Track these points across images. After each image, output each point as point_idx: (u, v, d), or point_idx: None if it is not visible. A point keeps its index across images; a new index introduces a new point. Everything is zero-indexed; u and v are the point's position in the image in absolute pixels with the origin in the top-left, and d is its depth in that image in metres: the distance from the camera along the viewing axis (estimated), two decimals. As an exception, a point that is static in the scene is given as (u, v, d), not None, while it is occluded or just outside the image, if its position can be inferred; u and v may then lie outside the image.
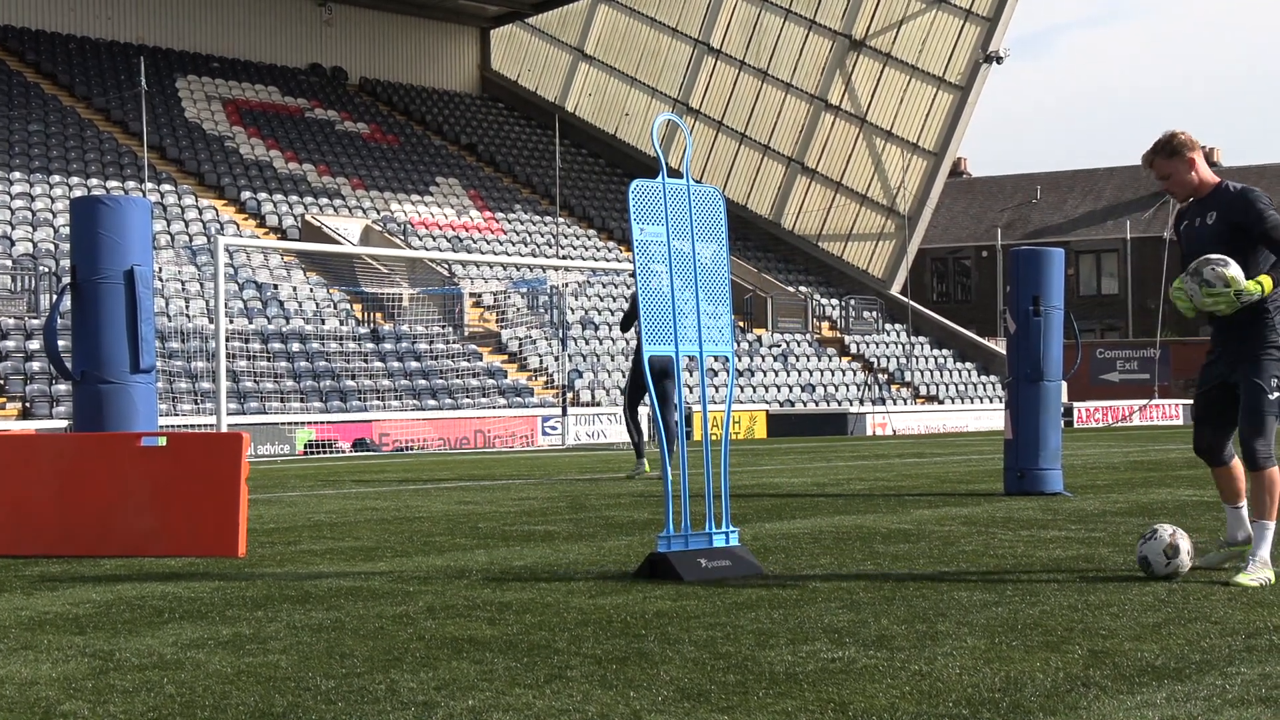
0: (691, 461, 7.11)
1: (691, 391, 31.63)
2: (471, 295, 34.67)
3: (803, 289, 43.23)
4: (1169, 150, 6.49)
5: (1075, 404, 37.98)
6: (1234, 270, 6.21)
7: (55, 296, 26.34)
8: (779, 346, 39.36)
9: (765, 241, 47.02)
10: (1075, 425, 36.69)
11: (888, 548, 7.87)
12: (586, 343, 34.75)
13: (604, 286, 38.43)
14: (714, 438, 26.61)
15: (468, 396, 30.42)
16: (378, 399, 29.14)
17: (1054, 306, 12.00)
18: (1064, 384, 16.32)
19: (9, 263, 28.99)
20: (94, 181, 34.57)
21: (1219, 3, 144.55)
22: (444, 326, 33.04)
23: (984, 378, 41.86)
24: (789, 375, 37.71)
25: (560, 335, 30.47)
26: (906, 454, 20.82)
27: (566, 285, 32.82)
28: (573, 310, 35.76)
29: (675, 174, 6.97)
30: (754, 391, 36.00)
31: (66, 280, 13.87)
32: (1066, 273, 13.02)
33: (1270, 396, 6.27)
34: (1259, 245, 6.32)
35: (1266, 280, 6.22)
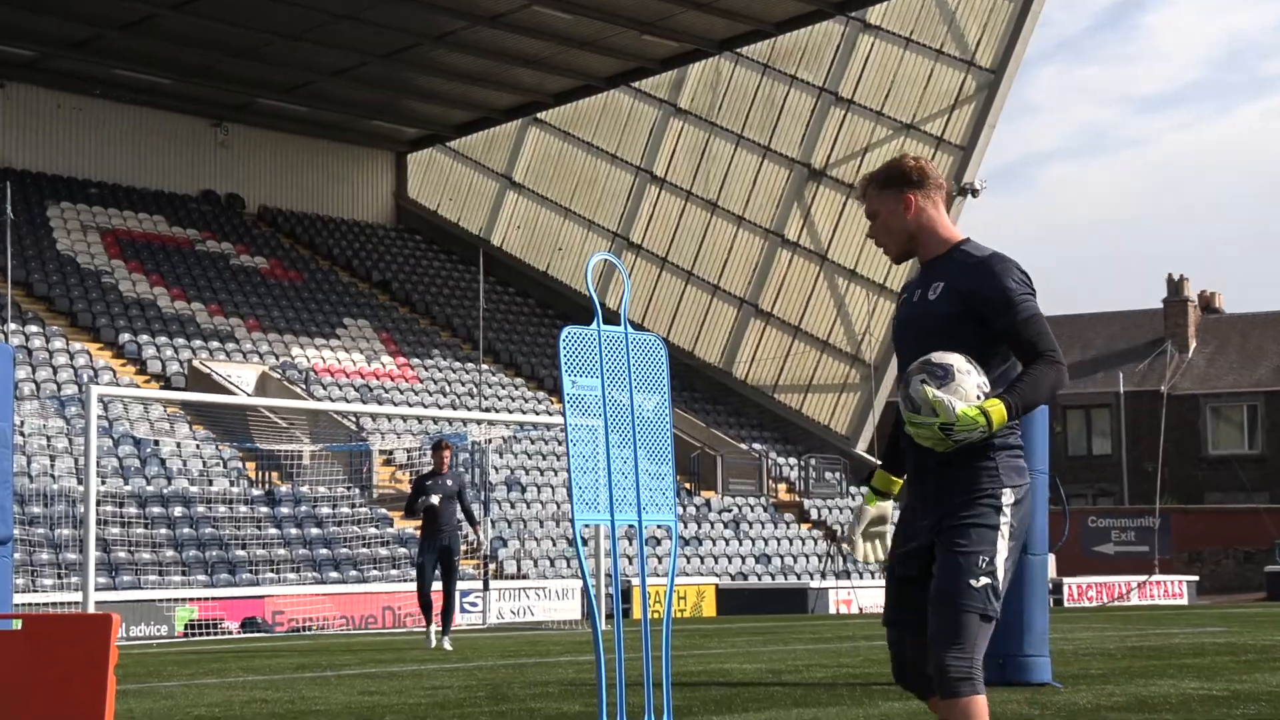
0: (629, 644, 7.05)
1: (630, 563, 31.47)
2: (382, 452, 34.69)
3: (756, 446, 43.38)
4: (885, 179, 4.99)
5: (1065, 580, 38.07)
6: (950, 389, 4.66)
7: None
8: (730, 511, 39.38)
9: (715, 392, 47.32)
10: (1065, 604, 36.77)
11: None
12: (513, 506, 34.70)
13: (533, 442, 38.47)
14: (655, 616, 26.57)
15: (375, 568, 30.27)
16: (272, 571, 28.96)
17: (1038, 470, 12.05)
18: (1051, 557, 16.39)
19: None
20: (-52, 322, 34.43)
21: (1226, 129, 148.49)
22: (350, 488, 33.02)
23: (962, 548, 41.91)
24: (741, 544, 37.72)
25: (482, 498, 30.40)
26: (875, 635, 20.74)
27: (490, 441, 32.80)
28: (497, 469, 35.78)
29: (612, 318, 7.03)
30: (701, 563, 35.95)
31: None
32: (1053, 430, 13.07)
33: (975, 584, 4.67)
34: (1002, 342, 4.80)
35: (996, 409, 4.66)
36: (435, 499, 18.77)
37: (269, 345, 39.80)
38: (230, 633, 25.76)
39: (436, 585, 19.32)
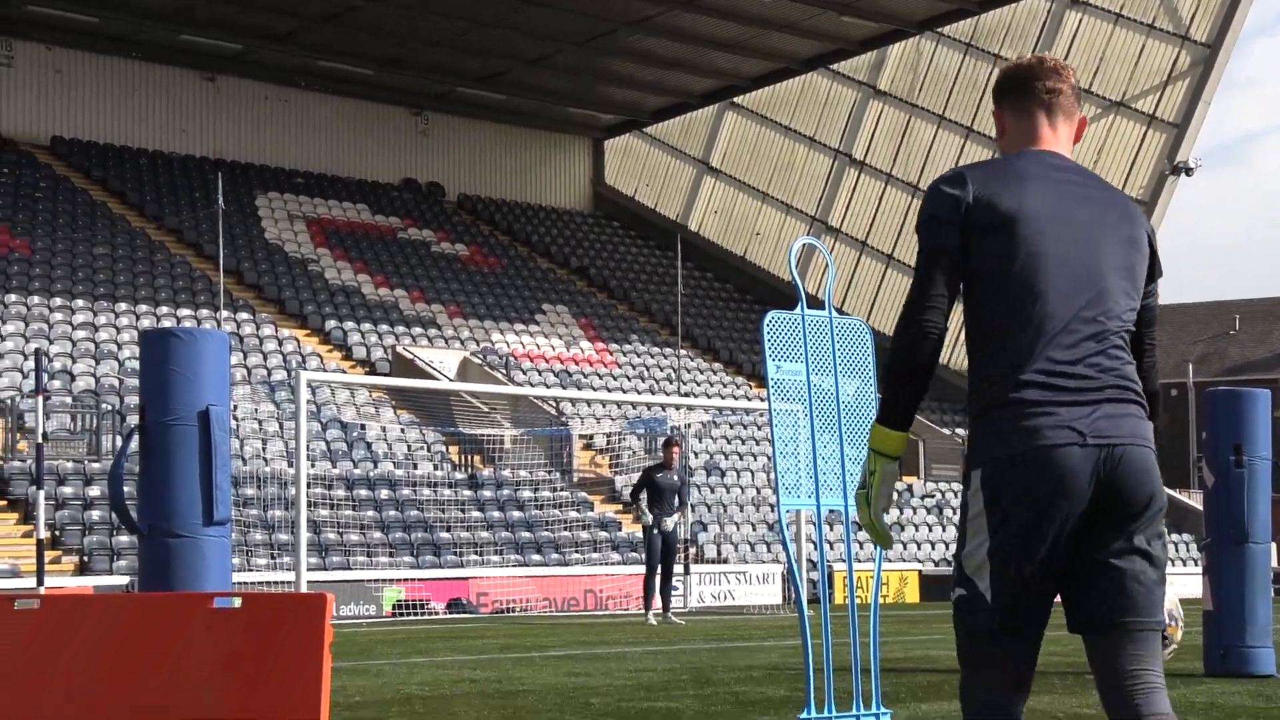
0: (836, 629, 7.04)
1: (833, 548, 31.35)
2: (582, 437, 34.90)
3: (959, 431, 42.86)
4: None
5: (1286, 569, 36.91)
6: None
7: (121, 439, 26.95)
8: (933, 497, 38.98)
9: (918, 378, 46.75)
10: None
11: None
12: (712, 490, 34.82)
13: (731, 427, 38.49)
14: (861, 602, 26.34)
15: (577, 551, 30.51)
16: (475, 553, 29.35)
17: (1260, 456, 11.75)
18: (1274, 546, 16.00)
19: (69, 400, 29.66)
20: (164, 310, 35.46)
21: None
22: (550, 472, 33.29)
23: (1176, 537, 41.00)
24: (945, 530, 37.29)
25: (684, 483, 30.46)
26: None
27: (689, 426, 32.91)
28: (696, 454, 35.84)
29: (815, 303, 7.02)
30: (904, 549, 35.62)
31: (134, 421, 14.15)
32: (1275, 415, 12.78)
33: (953, 599, 4.08)
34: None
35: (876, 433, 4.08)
36: (669, 523, 21.62)
37: (470, 331, 40.34)
38: (436, 613, 26.14)
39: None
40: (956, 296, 3.96)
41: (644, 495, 21.81)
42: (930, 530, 37.13)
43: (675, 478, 21.59)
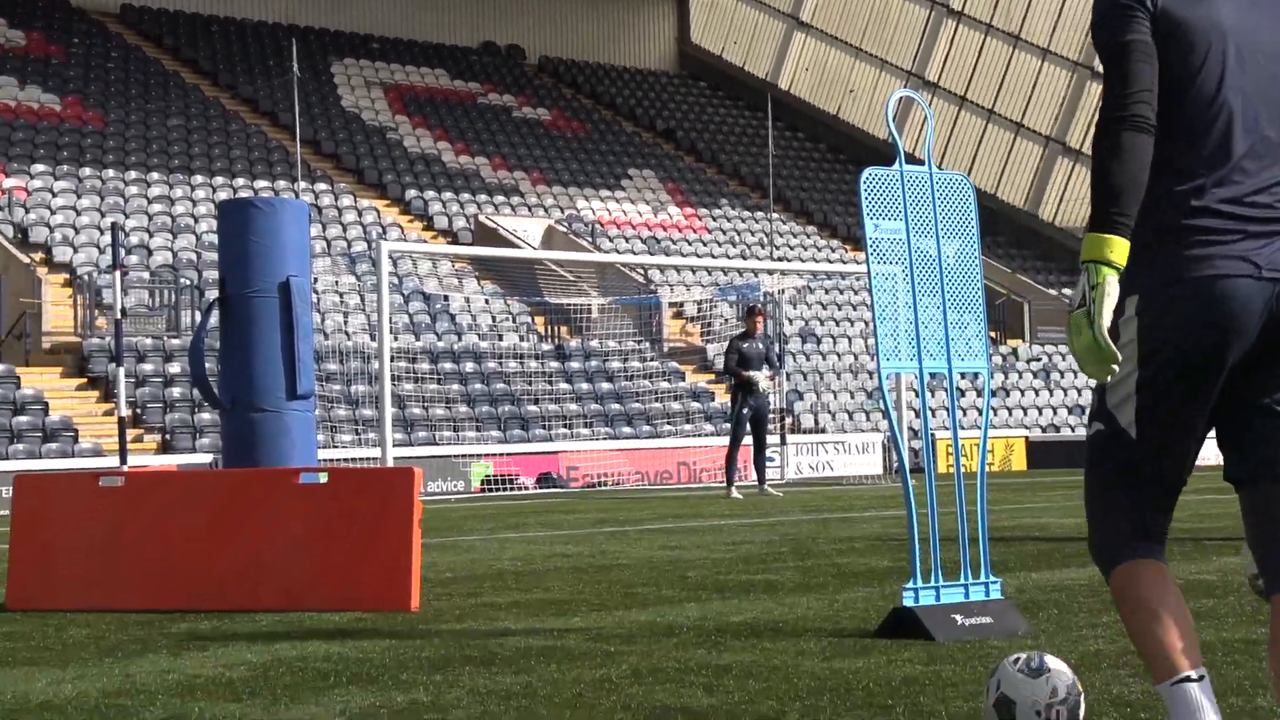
0: (940, 499, 7.04)
1: (935, 415, 31.27)
2: (671, 305, 34.99)
3: (1066, 292, 42.45)
4: None
5: None
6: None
7: (201, 313, 27.19)
8: (1039, 360, 38.72)
9: (1020, 236, 46.35)
10: None
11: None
12: (808, 358, 34.81)
13: (827, 293, 38.40)
14: (966, 470, 26.22)
15: (668, 423, 30.67)
16: (564, 427, 29.58)
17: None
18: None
19: (146, 275, 29.97)
20: (240, 181, 35.67)
21: None
22: (640, 341, 33.41)
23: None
24: (1052, 395, 37.10)
25: (776, 351, 30.41)
26: (1205, 488, 20.27)
27: (783, 292, 32.76)
28: (790, 321, 35.82)
29: (913, 160, 6.92)
30: (1009, 415, 35.50)
31: (214, 294, 14.26)
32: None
33: (1088, 436, 3.83)
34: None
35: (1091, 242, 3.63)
36: (760, 379, 21.26)
37: (554, 198, 40.33)
38: (526, 488, 26.39)
39: (747, 440, 21.71)
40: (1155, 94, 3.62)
41: (733, 363, 21.69)
42: (1037, 395, 36.91)
43: (760, 345, 21.48)
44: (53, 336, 28.42)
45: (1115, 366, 3.49)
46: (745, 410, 21.22)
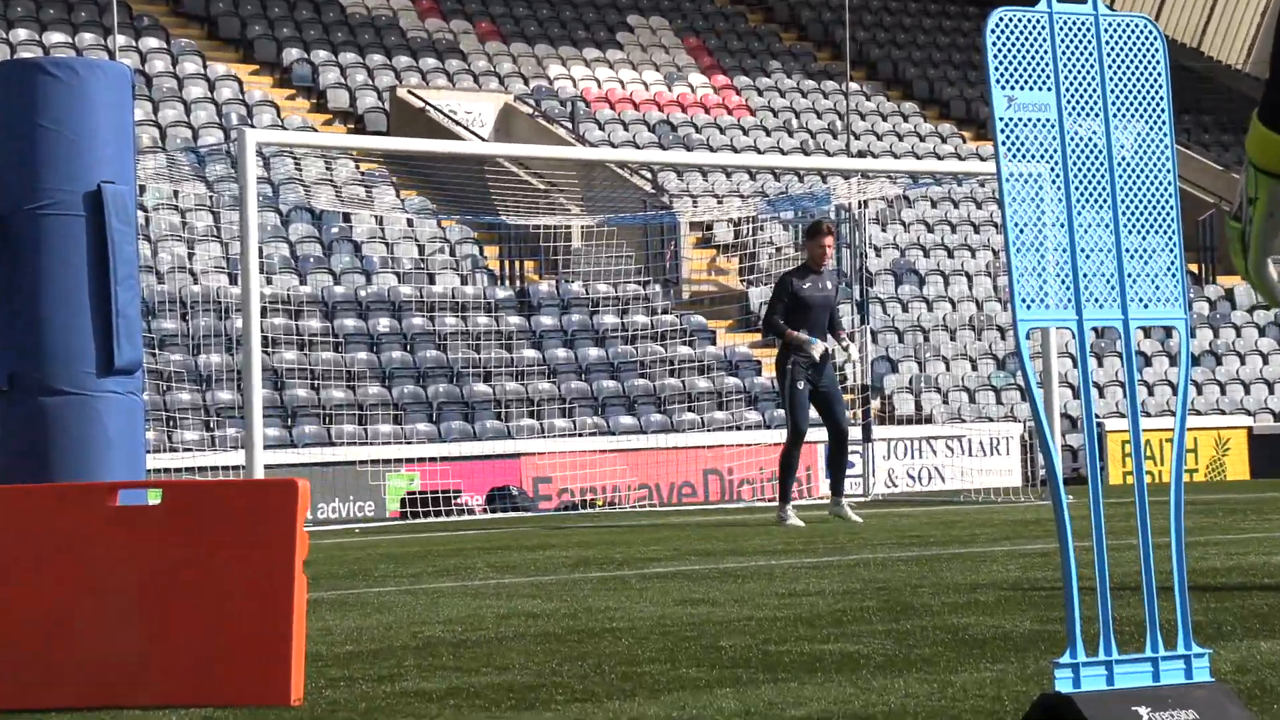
0: (1113, 525, 7.02)
1: (1104, 394, 31.09)
2: (695, 227, 35.09)
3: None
4: None
5: None
6: None
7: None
8: (1270, 309, 38.54)
9: (1237, 114, 46.16)
10: None
11: None
12: (904, 308, 34.95)
13: (935, 205, 38.66)
14: (1154, 480, 26.08)
15: (690, 409, 30.74)
16: (530, 416, 29.68)
17: None
18: None
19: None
20: (22, 34, 35.50)
21: None
22: (646, 284, 33.52)
23: None
24: (1288, 364, 36.99)
25: (859, 297, 30.28)
26: None
27: (864, 205, 32.64)
28: (878, 250, 35.85)
29: (1067, -2, 6.91)
30: (1222, 394, 35.37)
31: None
32: None
33: None
34: None
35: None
36: (819, 349, 20.54)
37: (514, 63, 40.30)
38: (472, 511, 26.34)
39: (814, 434, 21.64)
40: None
41: (780, 316, 20.67)
42: (1265, 363, 36.80)
43: (827, 285, 20.73)
44: None
45: None
46: (801, 385, 20.57)
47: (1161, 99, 7.12)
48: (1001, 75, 6.84)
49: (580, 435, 29.38)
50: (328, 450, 27.06)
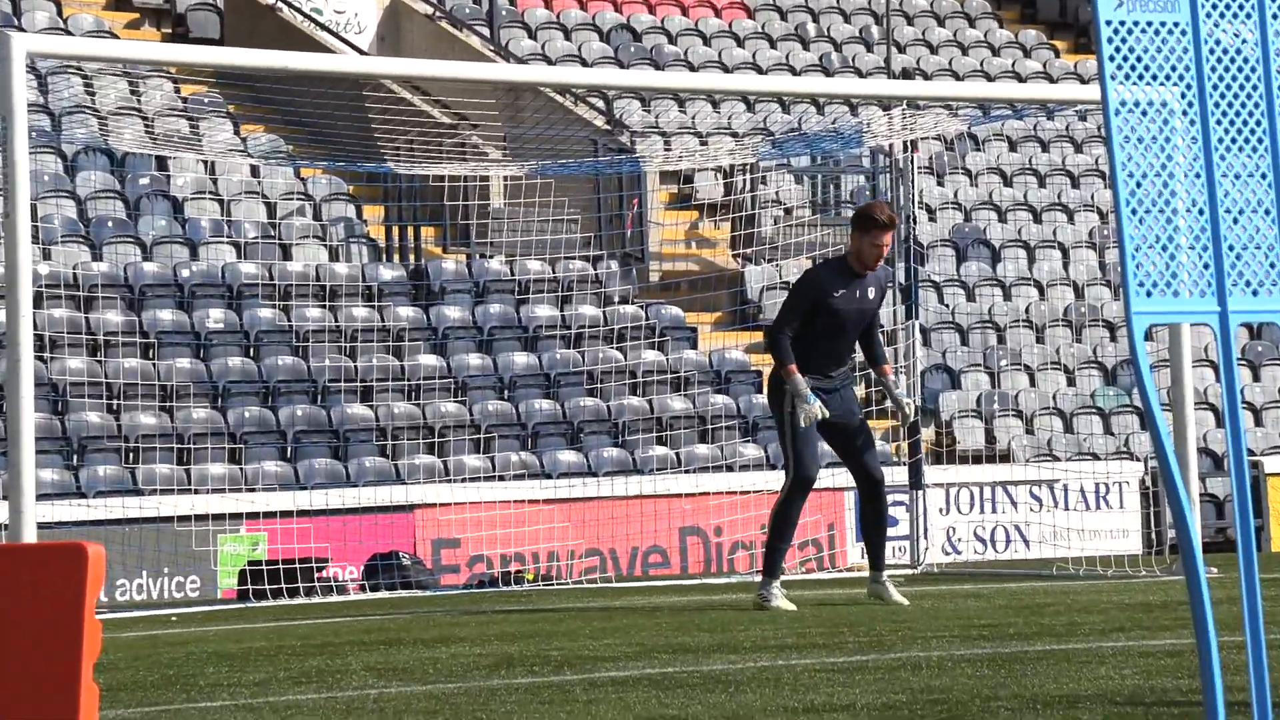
0: (1271, 607, 7.12)
1: (1260, 421, 30.93)
2: (668, 178, 35.69)
3: None
4: None
5: None
6: None
7: None
8: None
9: None
10: None
11: None
12: (969, 295, 35.38)
13: (1013, 147, 39.17)
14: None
15: (660, 441, 31.01)
16: (428, 450, 30.03)
17: None
18: None
19: None
20: None
21: None
22: (598, 260, 33.87)
23: None
24: None
25: (905, 279, 29.99)
26: None
27: (915, 147, 32.42)
28: (932, 212, 36.05)
29: None
30: None
31: None
32: None
33: None
34: None
35: None
36: (813, 414, 20.70)
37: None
38: (344, 589, 26.80)
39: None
40: None
41: (793, 330, 21.18)
42: None
43: (870, 292, 21.15)
44: None
45: None
46: (801, 414, 20.81)
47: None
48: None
49: (502, 479, 29.84)
50: (132, 501, 27.19)
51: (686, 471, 29.92)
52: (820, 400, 20.72)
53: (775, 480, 27.66)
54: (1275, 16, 7.07)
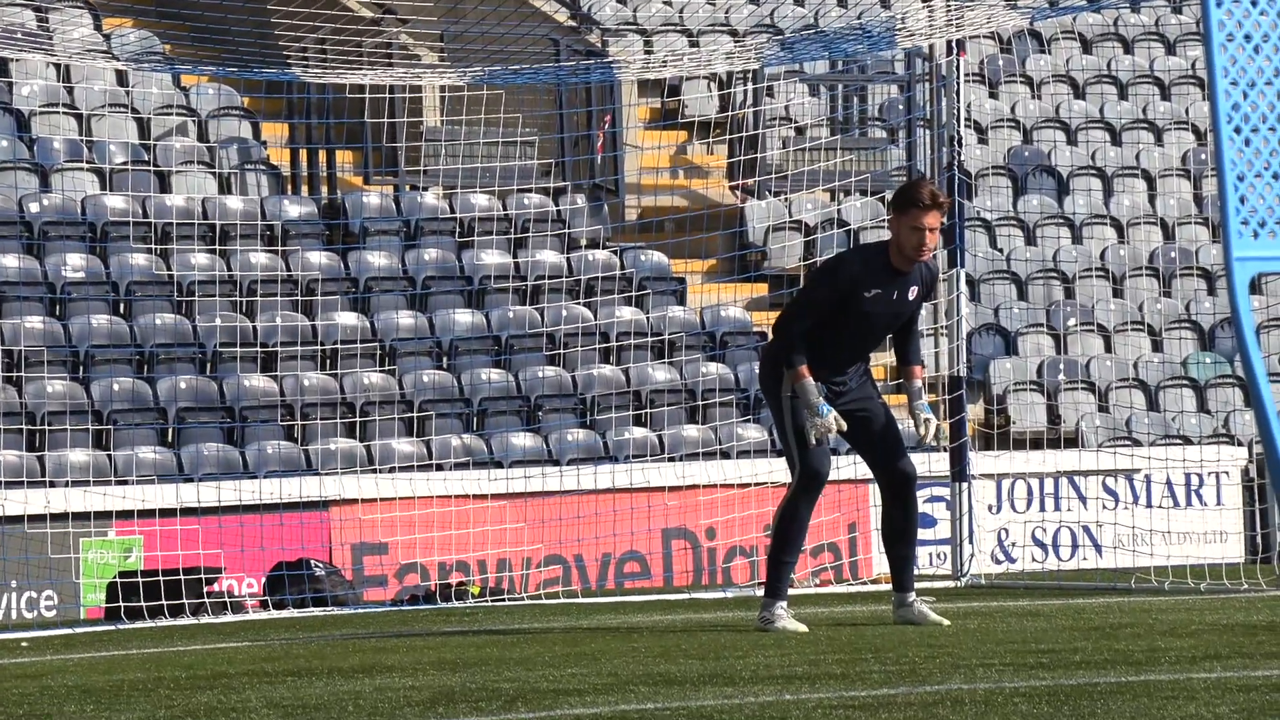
0: None
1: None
2: (649, 89, 35.91)
3: None
4: None
5: None
6: None
7: None
8: None
9: None
10: None
11: None
12: (1030, 238, 35.45)
13: (1089, 48, 38.87)
14: None
15: (639, 422, 31.33)
16: (347, 433, 30.39)
17: None
18: None
19: None
20: None
21: None
22: (560, 194, 34.18)
23: None
24: None
25: (951, 218, 30.13)
26: None
27: (962, 48, 32.61)
28: (983, 132, 36.46)
29: None
30: None
31: None
32: None
33: None
34: None
35: None
36: (820, 431, 20.96)
37: None
38: (242, 607, 27.03)
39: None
40: None
41: (805, 324, 21.44)
42: None
43: (910, 290, 21.31)
44: None
45: None
46: (810, 430, 21.07)
47: None
48: None
49: (440, 468, 29.91)
50: (-24, 500, 26.95)
51: (671, 459, 30.00)
52: (835, 411, 20.77)
53: (781, 470, 27.82)
54: None
